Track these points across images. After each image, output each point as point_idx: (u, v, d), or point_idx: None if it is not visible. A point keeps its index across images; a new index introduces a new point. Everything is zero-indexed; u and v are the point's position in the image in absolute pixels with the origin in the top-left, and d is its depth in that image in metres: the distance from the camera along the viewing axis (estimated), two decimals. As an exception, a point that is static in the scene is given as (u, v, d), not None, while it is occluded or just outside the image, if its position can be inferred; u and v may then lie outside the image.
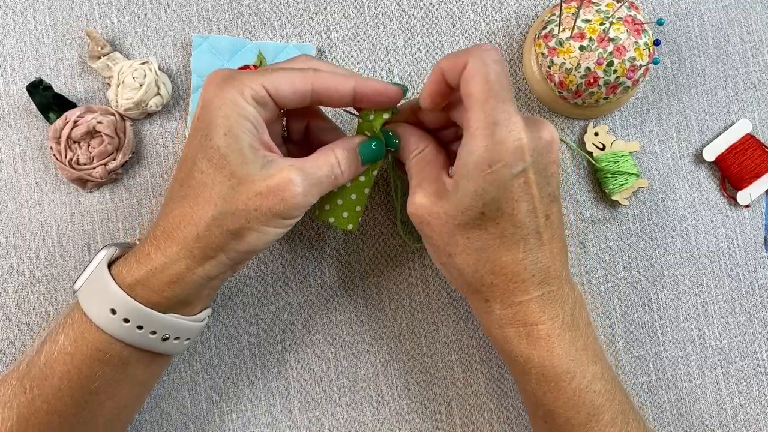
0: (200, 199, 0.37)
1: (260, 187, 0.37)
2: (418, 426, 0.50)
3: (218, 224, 0.37)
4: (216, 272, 0.39)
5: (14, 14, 0.52)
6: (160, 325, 0.38)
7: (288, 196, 0.37)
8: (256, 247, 0.38)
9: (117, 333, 0.38)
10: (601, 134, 0.51)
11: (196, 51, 0.51)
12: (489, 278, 0.39)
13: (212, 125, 0.37)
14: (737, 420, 0.51)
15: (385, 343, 0.51)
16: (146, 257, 0.38)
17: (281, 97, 0.38)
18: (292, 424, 0.50)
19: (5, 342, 0.50)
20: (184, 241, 0.37)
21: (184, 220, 0.37)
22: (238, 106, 0.37)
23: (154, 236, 0.38)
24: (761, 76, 0.53)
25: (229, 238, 0.37)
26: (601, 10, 0.47)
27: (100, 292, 0.38)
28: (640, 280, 0.51)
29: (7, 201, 0.50)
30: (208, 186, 0.37)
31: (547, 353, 0.39)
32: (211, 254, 0.38)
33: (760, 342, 0.51)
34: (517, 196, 0.37)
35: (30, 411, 0.39)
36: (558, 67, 0.47)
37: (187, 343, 0.41)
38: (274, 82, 0.38)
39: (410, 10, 0.52)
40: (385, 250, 0.51)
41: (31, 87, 0.48)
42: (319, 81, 0.38)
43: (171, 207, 0.38)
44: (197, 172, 0.37)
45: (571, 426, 0.40)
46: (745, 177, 0.51)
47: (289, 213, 0.37)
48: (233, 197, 0.37)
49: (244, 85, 0.37)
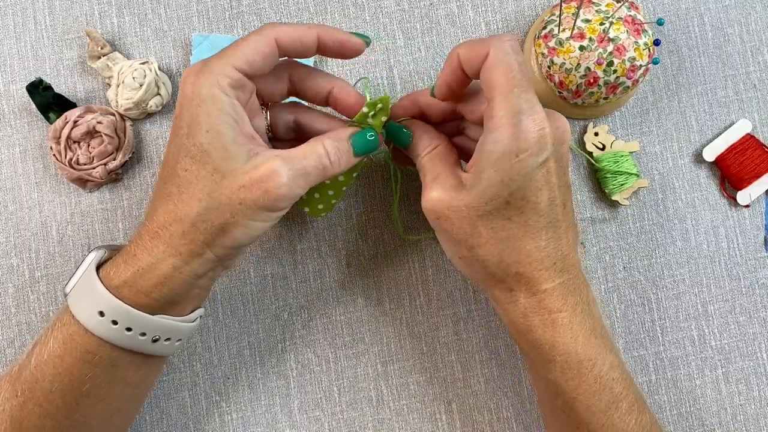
0: (184, 196, 0.37)
1: (244, 180, 0.36)
2: (418, 426, 0.50)
3: (203, 220, 0.37)
4: (203, 270, 0.38)
5: (14, 14, 0.52)
6: (149, 326, 0.38)
7: (272, 188, 0.36)
8: (241, 241, 0.38)
9: (106, 335, 0.37)
10: (601, 134, 0.51)
11: (196, 50, 0.51)
12: (515, 267, 0.39)
13: (193, 123, 0.37)
14: (737, 420, 0.51)
15: (385, 343, 0.51)
16: (133, 258, 0.38)
17: (255, 67, 0.38)
18: (292, 424, 0.50)
19: (5, 342, 0.50)
20: (170, 240, 0.37)
21: (169, 218, 0.37)
22: (217, 100, 0.36)
23: (140, 236, 0.38)
24: (761, 76, 0.53)
25: (214, 234, 0.37)
26: (601, 10, 0.47)
27: (88, 295, 0.38)
28: (640, 280, 0.51)
29: (7, 201, 0.50)
30: (192, 183, 0.37)
31: (572, 340, 0.39)
32: (197, 251, 0.37)
33: (760, 342, 0.51)
34: (540, 184, 0.37)
35: (22, 414, 0.38)
36: (558, 67, 0.47)
37: (178, 344, 0.41)
38: (243, 57, 0.37)
39: (410, 10, 0.52)
40: (385, 250, 0.51)
41: (31, 87, 0.48)
42: (281, 35, 0.38)
43: (156, 206, 0.38)
44: (180, 169, 0.37)
45: (591, 414, 0.39)
46: (745, 177, 0.51)
47: (274, 205, 0.37)
48: (217, 192, 0.36)
49: (218, 74, 0.36)
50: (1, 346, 0.50)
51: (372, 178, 0.51)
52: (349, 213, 0.51)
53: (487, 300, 0.51)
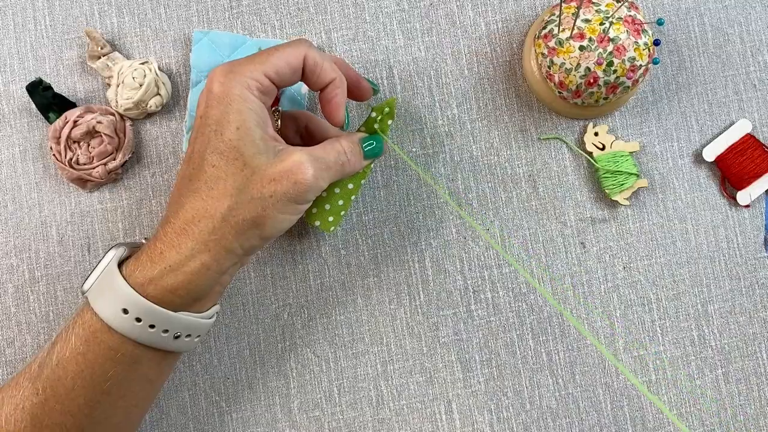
0: (214, 192, 0.38)
1: (273, 172, 0.38)
2: (418, 426, 0.50)
3: (234, 215, 0.38)
4: (228, 265, 0.39)
5: (14, 14, 0.52)
6: (171, 323, 0.38)
7: (300, 179, 0.38)
8: (271, 235, 0.39)
9: (129, 332, 0.38)
10: (601, 134, 0.51)
11: (196, 46, 0.51)
12: None
13: (223, 121, 0.38)
14: (737, 420, 0.51)
15: (385, 343, 0.51)
16: (159, 255, 0.38)
17: (282, 79, 0.40)
18: (292, 424, 0.50)
19: (5, 342, 0.50)
20: (200, 236, 0.38)
21: (198, 215, 0.38)
22: (247, 100, 0.38)
23: (165, 233, 0.38)
24: (761, 76, 0.53)
25: (245, 228, 0.38)
26: (601, 10, 0.47)
27: (111, 292, 0.38)
28: (640, 280, 0.51)
29: (7, 201, 0.50)
30: (222, 179, 0.38)
31: None
32: (227, 246, 0.38)
33: (760, 342, 0.51)
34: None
35: (44, 412, 0.39)
36: (558, 67, 0.47)
37: (197, 340, 0.41)
38: (274, 67, 0.39)
39: (410, 10, 0.52)
40: (385, 250, 0.51)
41: (31, 87, 0.48)
42: (310, 53, 0.40)
43: (181, 203, 0.39)
44: (208, 166, 0.38)
45: None
46: (745, 177, 0.51)
47: (302, 196, 0.39)
48: (248, 187, 0.38)
49: (249, 78, 0.38)
50: (1, 346, 0.50)
51: (372, 178, 0.51)
52: (349, 213, 0.51)
53: (487, 300, 0.51)
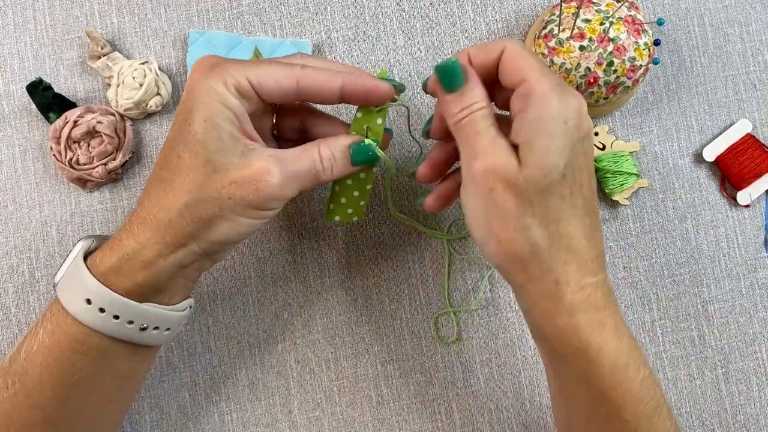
0: (175, 185, 0.37)
1: (235, 175, 0.36)
2: (418, 426, 0.50)
3: (191, 211, 0.37)
4: (188, 260, 0.38)
5: (14, 14, 0.52)
6: (136, 314, 0.38)
7: (263, 187, 0.36)
8: (228, 237, 0.38)
9: (93, 323, 0.37)
10: (601, 134, 0.51)
11: (192, 47, 0.51)
12: (564, 255, 0.35)
13: (193, 111, 0.37)
14: (737, 420, 0.51)
15: (385, 343, 0.51)
16: (119, 244, 0.38)
17: (265, 91, 0.37)
18: (292, 424, 0.50)
19: (5, 342, 0.50)
20: (157, 227, 0.37)
21: (157, 206, 0.37)
22: (219, 94, 0.36)
23: (129, 223, 0.38)
24: (761, 76, 0.53)
25: (200, 226, 0.37)
26: (601, 10, 0.47)
27: (75, 283, 0.38)
28: (640, 280, 0.51)
29: (7, 201, 0.50)
30: (183, 172, 0.37)
31: (617, 342, 0.36)
32: (182, 241, 0.37)
33: (760, 342, 0.51)
34: (582, 164, 0.35)
35: (12, 406, 0.38)
36: (558, 67, 0.47)
37: (167, 333, 0.40)
38: (259, 75, 0.37)
39: (410, 10, 0.52)
40: (385, 250, 0.51)
41: (31, 87, 0.48)
42: (304, 78, 0.38)
43: (148, 192, 0.38)
44: (174, 156, 0.37)
45: (638, 420, 0.36)
46: (745, 177, 0.51)
47: (263, 204, 0.37)
48: (207, 185, 0.36)
49: (228, 74, 0.37)
50: (1, 346, 0.50)
51: (372, 178, 0.51)
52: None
53: (487, 300, 0.51)
